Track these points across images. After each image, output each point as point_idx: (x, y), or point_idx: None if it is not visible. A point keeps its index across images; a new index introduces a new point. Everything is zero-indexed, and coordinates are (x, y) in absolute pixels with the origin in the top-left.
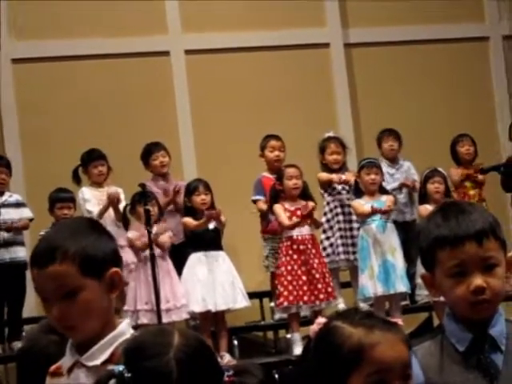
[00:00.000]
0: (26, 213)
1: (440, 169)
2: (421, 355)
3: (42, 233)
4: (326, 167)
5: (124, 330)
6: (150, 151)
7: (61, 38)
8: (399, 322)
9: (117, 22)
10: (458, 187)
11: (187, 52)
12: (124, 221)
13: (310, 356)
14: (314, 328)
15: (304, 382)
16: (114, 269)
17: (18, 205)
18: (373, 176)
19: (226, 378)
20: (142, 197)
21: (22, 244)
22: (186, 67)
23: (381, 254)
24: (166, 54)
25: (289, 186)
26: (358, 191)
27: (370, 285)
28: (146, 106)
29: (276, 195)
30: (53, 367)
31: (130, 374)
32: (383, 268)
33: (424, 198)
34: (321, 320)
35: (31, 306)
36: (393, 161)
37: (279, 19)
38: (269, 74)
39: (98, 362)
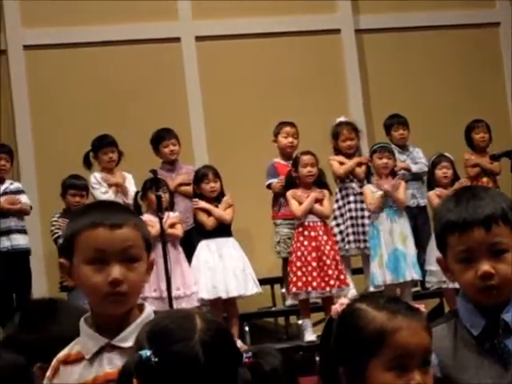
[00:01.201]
0: (24, 199)
1: (447, 154)
2: (434, 338)
3: (54, 218)
4: (340, 153)
5: (151, 313)
6: (161, 138)
7: (72, 25)
8: (422, 308)
9: (128, 9)
10: (472, 178)
11: (198, 38)
12: (135, 207)
13: (333, 336)
14: (337, 308)
15: (325, 362)
16: (154, 255)
17: (18, 192)
18: (385, 160)
19: (246, 360)
20: (154, 183)
21: (23, 232)
22: (196, 53)
23: (391, 242)
24: (177, 40)
25: (303, 173)
26: (369, 175)
27: (380, 273)
28: (156, 92)
29: (291, 182)
30: (61, 356)
31: (156, 359)
32: (393, 256)
33: (432, 183)
34: (344, 301)
35: (42, 291)
36: (403, 147)
37: (290, 5)
38: (279, 60)
39: (131, 343)
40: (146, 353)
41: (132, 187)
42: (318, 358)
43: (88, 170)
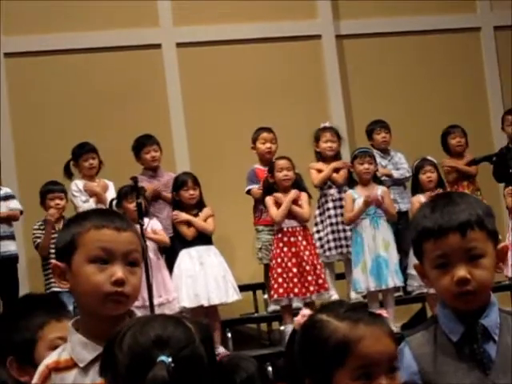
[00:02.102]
0: (14, 204)
1: (430, 157)
2: (414, 345)
3: (35, 226)
4: (320, 156)
5: None
6: (142, 144)
7: (52, 32)
8: (384, 314)
9: (108, 15)
10: (452, 184)
11: (179, 45)
12: None
13: (296, 349)
14: (299, 320)
15: (290, 375)
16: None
17: (6, 197)
18: (366, 165)
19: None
20: (134, 190)
21: (12, 238)
22: (177, 60)
23: (374, 248)
24: (158, 46)
25: (279, 177)
26: (352, 182)
27: (363, 279)
28: (137, 99)
29: (269, 188)
30: (51, 363)
31: (174, 364)
32: (376, 263)
33: (417, 188)
34: (305, 312)
35: None
36: (384, 152)
37: (271, 11)
38: (261, 66)
39: None
40: (168, 359)
41: (113, 195)
42: None
43: (69, 179)
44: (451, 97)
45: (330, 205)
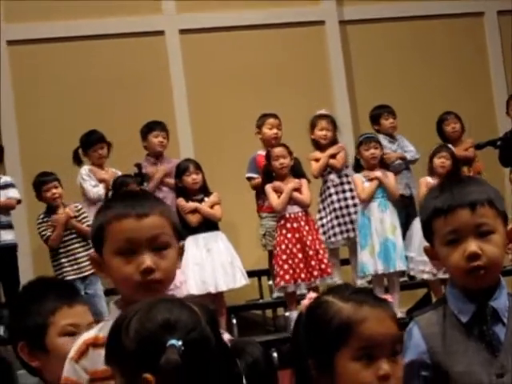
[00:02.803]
0: (12, 193)
1: (449, 145)
2: (423, 325)
3: (39, 220)
4: (316, 144)
5: None
6: (151, 128)
7: (55, 20)
8: (389, 298)
9: (111, 2)
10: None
11: (182, 31)
12: None
13: (301, 330)
14: (306, 303)
15: (296, 357)
16: (183, 242)
17: (5, 186)
18: (372, 150)
19: None
20: (139, 176)
21: (9, 227)
22: (180, 47)
23: (382, 232)
24: (161, 33)
25: (276, 166)
26: (358, 168)
27: (371, 262)
28: (141, 86)
29: (269, 175)
30: (89, 338)
31: (183, 347)
32: (384, 246)
33: (431, 172)
34: (312, 295)
35: None
36: (392, 137)
37: None
38: (264, 52)
39: None
40: (178, 342)
41: None
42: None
43: (78, 166)
44: (455, 82)
45: (332, 190)
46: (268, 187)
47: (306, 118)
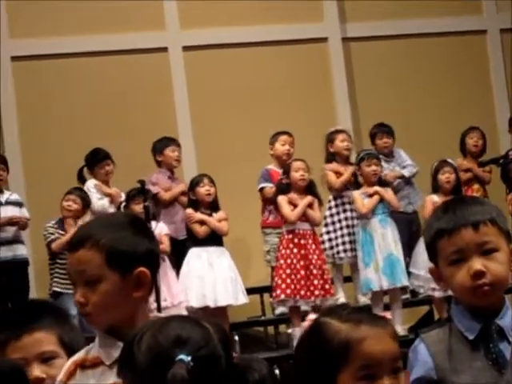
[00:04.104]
0: (24, 212)
1: (450, 160)
2: (429, 342)
3: (49, 224)
4: (333, 157)
5: None
6: (167, 143)
7: (59, 36)
8: (387, 316)
9: (115, 19)
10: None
11: (185, 48)
12: None
13: (301, 353)
14: (305, 325)
15: (298, 379)
16: (143, 268)
17: (18, 204)
18: (374, 167)
19: None
20: (141, 193)
21: (22, 242)
22: (184, 63)
23: (385, 247)
24: (164, 50)
25: (296, 177)
26: (357, 184)
27: (376, 278)
28: (144, 102)
29: (282, 189)
30: (79, 359)
31: (192, 363)
32: (388, 261)
33: (436, 189)
34: (311, 317)
35: None
36: (387, 155)
37: (277, 14)
38: (267, 69)
39: None
40: (188, 358)
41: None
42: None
43: (82, 184)
44: (457, 99)
45: (347, 206)
46: (281, 199)
47: (309, 133)
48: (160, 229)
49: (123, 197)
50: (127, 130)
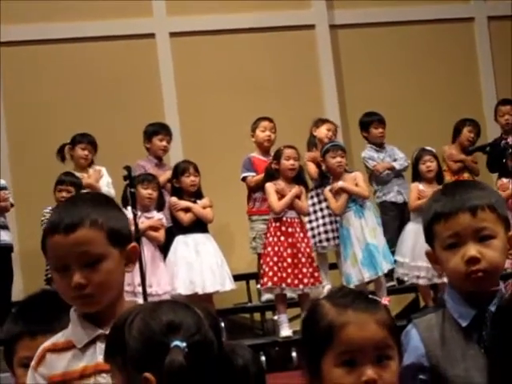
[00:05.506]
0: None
1: (428, 147)
2: (422, 328)
3: (46, 210)
4: (315, 140)
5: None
6: (157, 131)
7: (48, 22)
8: (385, 301)
9: (102, 5)
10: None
11: (172, 34)
12: (124, 200)
13: (301, 329)
14: None
15: (299, 353)
16: (134, 243)
17: (1, 188)
18: (339, 159)
19: None
20: (128, 179)
21: (5, 227)
22: (171, 50)
23: (362, 238)
24: (152, 36)
25: (286, 165)
26: (324, 178)
27: (355, 273)
28: (131, 88)
29: (271, 174)
30: (48, 344)
31: (187, 349)
32: (366, 252)
33: (416, 178)
34: None
35: (18, 289)
36: (380, 146)
37: (264, 1)
38: (254, 56)
39: None
40: (183, 344)
41: (107, 178)
42: (294, 354)
43: (61, 162)
44: (445, 87)
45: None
46: (269, 186)
47: (296, 121)
48: (161, 217)
49: (104, 173)
50: (115, 115)
